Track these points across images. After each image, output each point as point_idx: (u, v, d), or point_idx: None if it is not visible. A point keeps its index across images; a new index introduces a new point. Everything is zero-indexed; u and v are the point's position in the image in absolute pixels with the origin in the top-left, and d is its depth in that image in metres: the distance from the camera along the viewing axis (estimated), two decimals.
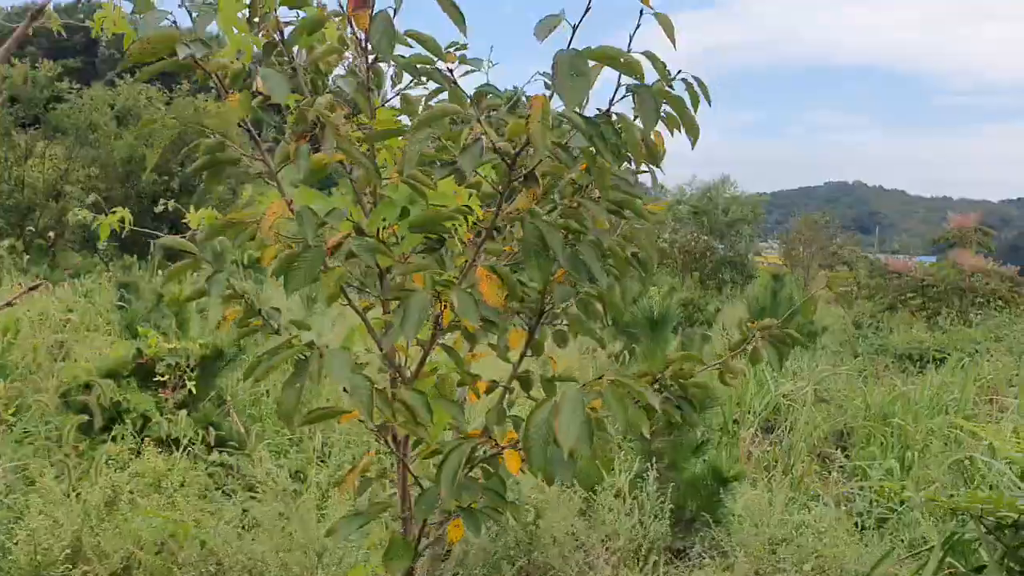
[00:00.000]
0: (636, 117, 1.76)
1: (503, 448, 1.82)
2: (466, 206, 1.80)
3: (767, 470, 6.50)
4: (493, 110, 1.77)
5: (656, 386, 2.23)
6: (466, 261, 1.77)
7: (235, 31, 2.04)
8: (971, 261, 15.65)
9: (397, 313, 1.65)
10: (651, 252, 2.59)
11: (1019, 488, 3.07)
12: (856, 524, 5.19)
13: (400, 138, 1.90)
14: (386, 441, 1.89)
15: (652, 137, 2.01)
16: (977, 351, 11.84)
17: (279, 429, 6.11)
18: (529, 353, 2.30)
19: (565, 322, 2.29)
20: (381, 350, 1.89)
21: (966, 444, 6.09)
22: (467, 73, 3.11)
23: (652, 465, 4.37)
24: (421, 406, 1.68)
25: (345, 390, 1.58)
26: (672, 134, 2.24)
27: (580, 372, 7.67)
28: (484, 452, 1.89)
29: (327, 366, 1.52)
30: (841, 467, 6.63)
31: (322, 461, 5.68)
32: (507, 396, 2.26)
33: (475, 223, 1.95)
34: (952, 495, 3.67)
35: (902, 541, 4.55)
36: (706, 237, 35.45)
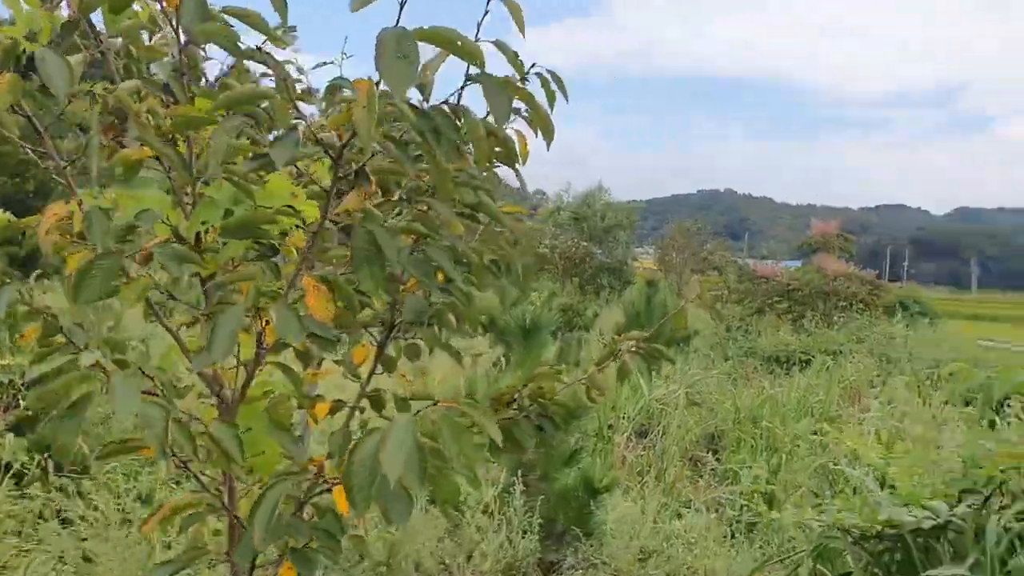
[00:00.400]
0: (489, 113, 1.60)
1: (334, 483, 1.61)
2: (289, 207, 1.57)
3: (640, 475, 6.49)
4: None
5: (514, 406, 2.07)
6: (296, 269, 1.54)
7: (24, 6, 1.75)
8: (834, 266, 16.38)
9: (205, 330, 1.41)
10: (513, 257, 2.43)
11: (878, 493, 3.09)
12: (727, 530, 5.21)
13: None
14: (196, 478, 1.64)
15: (513, 137, 1.86)
16: (840, 352, 12.34)
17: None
18: (380, 370, 2.09)
19: (419, 335, 2.09)
20: (196, 372, 1.64)
21: (831, 447, 6.24)
22: (320, 65, 2.87)
23: (519, 478, 4.22)
24: (230, 440, 1.44)
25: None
26: (536, 134, 2.08)
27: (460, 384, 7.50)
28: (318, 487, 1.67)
29: (111, 392, 1.27)
30: (712, 470, 6.69)
31: (177, 483, 5.28)
32: (357, 417, 2.04)
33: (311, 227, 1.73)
34: (819, 504, 3.67)
35: (772, 546, 4.57)
36: (585, 243, 36.00)
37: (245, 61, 1.76)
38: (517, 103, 1.79)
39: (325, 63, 2.64)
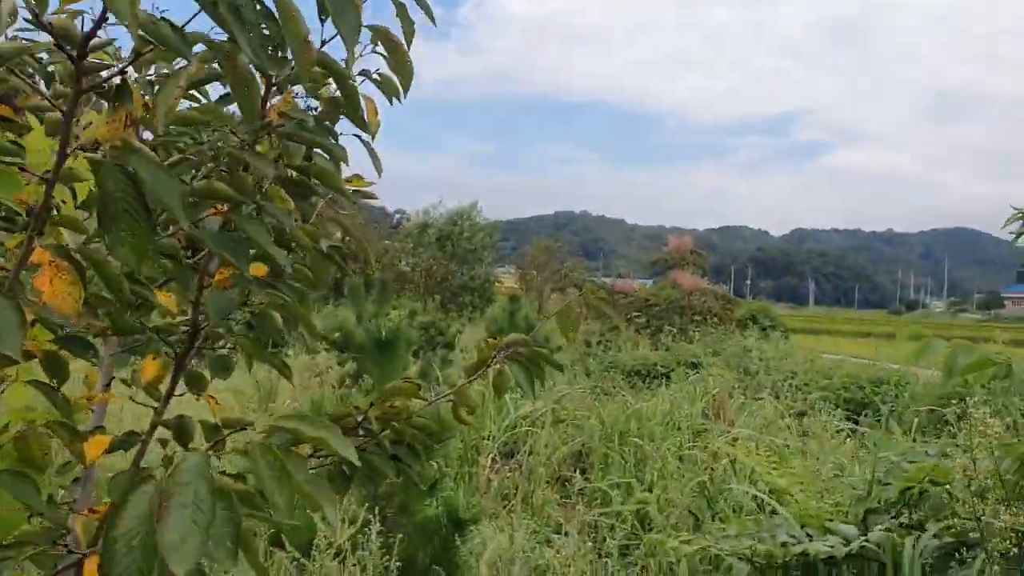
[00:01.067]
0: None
1: (87, 553, 1.10)
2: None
3: (507, 499, 6.10)
4: None
5: (360, 431, 1.61)
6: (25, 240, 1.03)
7: None
8: (689, 281, 16.69)
9: None
10: (365, 246, 1.96)
11: (780, 515, 2.82)
12: (599, 554, 4.89)
13: None
14: None
15: (366, 107, 1.45)
16: (699, 365, 12.43)
17: None
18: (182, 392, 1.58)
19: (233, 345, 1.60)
20: None
21: (700, 461, 6.05)
22: None
23: (376, 515, 3.72)
24: None
25: None
26: (391, 102, 1.65)
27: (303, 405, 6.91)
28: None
29: None
30: (581, 491, 6.39)
31: None
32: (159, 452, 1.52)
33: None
34: (703, 525, 3.37)
35: (650, 572, 4.26)
36: (445, 262, 35.67)
37: None
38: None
39: None
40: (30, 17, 0.95)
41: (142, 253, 0.93)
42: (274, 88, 1.27)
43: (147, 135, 1.18)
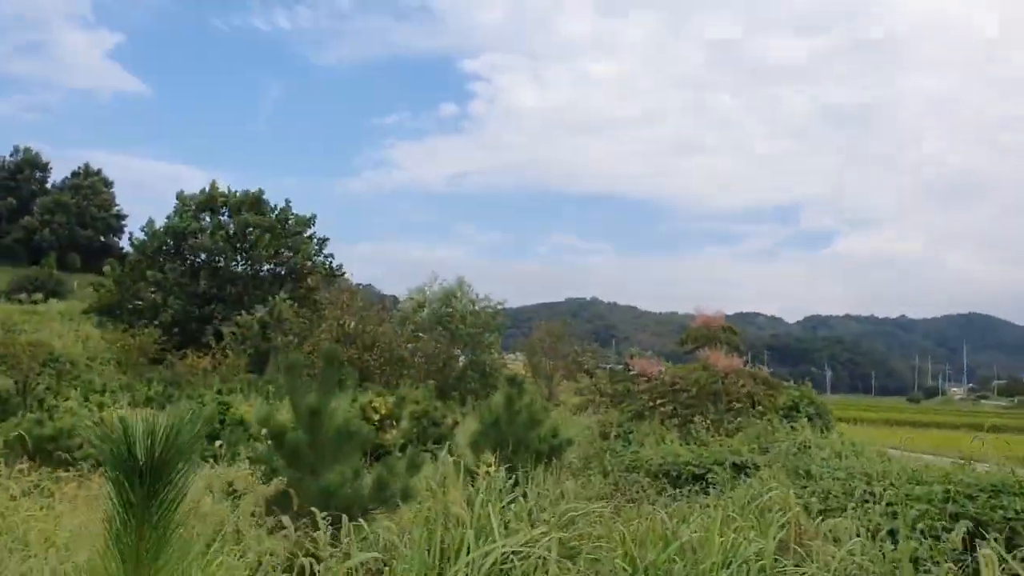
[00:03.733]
0: None
1: None
2: None
3: None
4: None
5: None
6: None
7: None
8: (724, 361, 14.21)
9: None
10: None
11: None
12: None
13: None
14: None
15: None
16: (744, 466, 9.98)
17: None
18: None
19: None
20: None
21: None
22: None
23: None
24: None
25: None
26: None
27: None
28: None
29: None
30: None
31: None
32: None
33: None
34: None
35: None
36: (446, 345, 33.43)
37: None
38: None
39: None
40: None
41: None
42: None
43: None
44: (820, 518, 6.47)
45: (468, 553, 5.15)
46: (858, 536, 6.13)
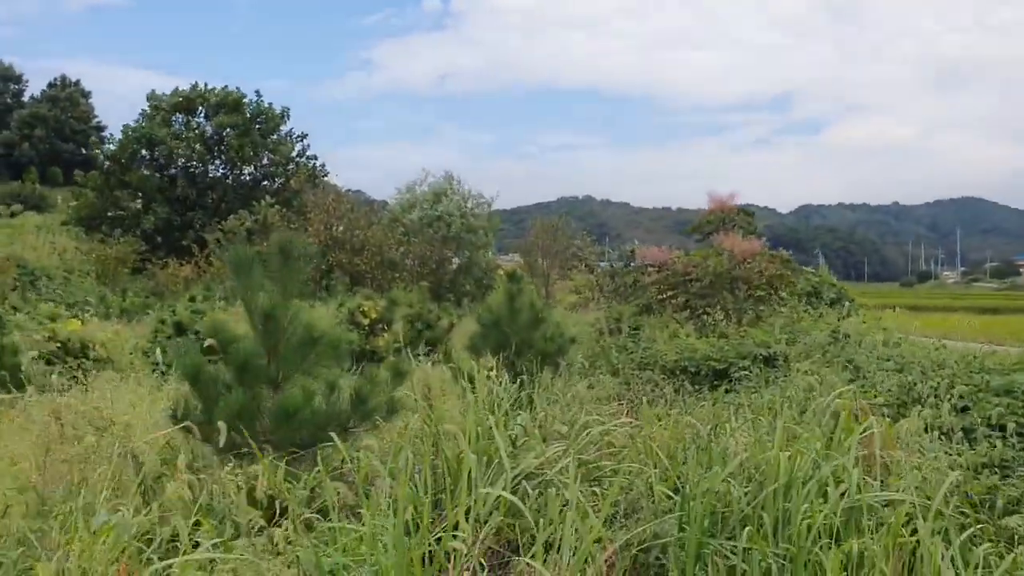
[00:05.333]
0: None
1: None
2: None
3: None
4: None
5: None
6: None
7: None
8: (743, 245, 12.98)
9: None
10: None
11: None
12: None
13: None
14: None
15: None
16: (774, 359, 8.94)
17: None
18: None
19: None
20: None
21: None
22: None
23: None
24: None
25: None
26: None
27: None
28: None
29: None
30: None
31: None
32: None
33: None
34: None
35: None
36: (437, 246, 32.18)
37: None
38: None
39: None
40: None
41: None
42: None
43: None
44: (887, 420, 5.40)
45: (469, 482, 4.08)
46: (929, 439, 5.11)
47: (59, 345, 8.86)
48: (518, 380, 7.12)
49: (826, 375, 7.13)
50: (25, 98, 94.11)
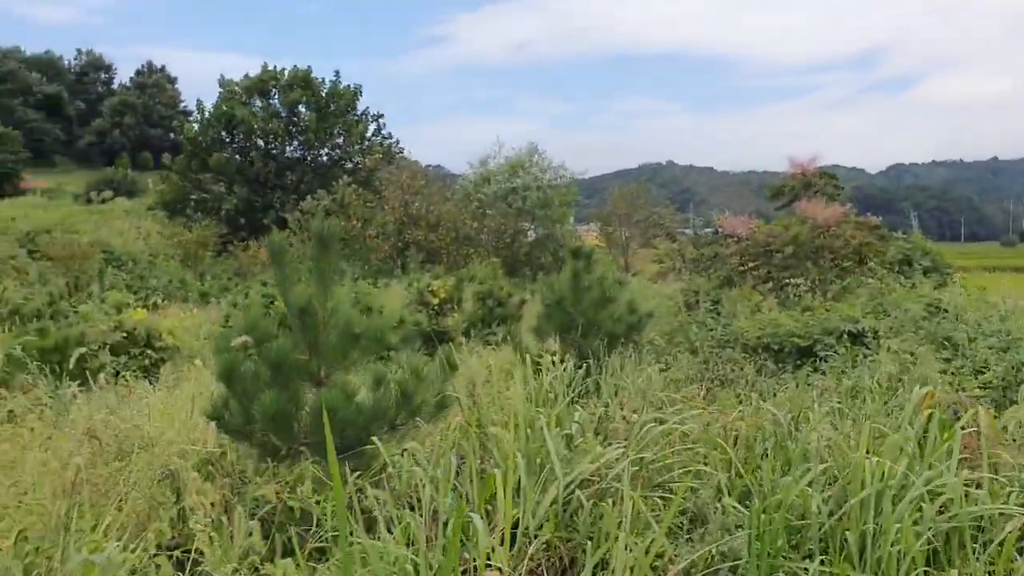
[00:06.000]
0: None
1: None
2: None
3: None
4: None
5: None
6: None
7: None
8: (825, 212, 12.17)
9: None
10: None
11: None
12: None
13: None
14: None
15: None
16: (862, 335, 8.30)
17: None
18: None
19: None
20: None
21: None
22: None
23: None
24: None
25: None
26: None
27: None
28: None
29: None
30: None
31: None
32: None
33: None
34: None
35: None
36: (512, 219, 31.76)
37: None
38: None
39: None
40: None
41: None
42: None
43: None
44: (992, 409, 4.81)
45: (518, 491, 3.72)
46: None
47: (125, 335, 8.87)
48: (583, 365, 6.72)
49: (921, 354, 6.51)
50: (114, 86, 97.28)
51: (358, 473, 4.09)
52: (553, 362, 6.01)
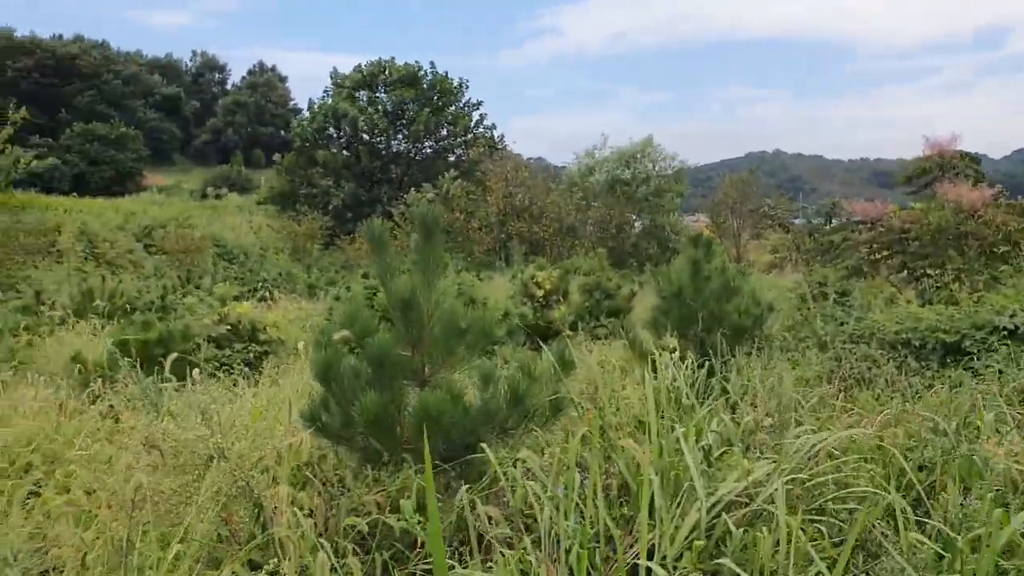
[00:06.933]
0: None
1: None
2: None
3: None
4: None
5: None
6: None
7: None
8: (971, 196, 11.04)
9: None
10: None
11: None
12: None
13: None
14: None
15: None
16: (1019, 331, 7.38)
17: None
18: None
19: None
20: None
21: None
22: None
23: None
24: None
25: None
26: None
27: None
28: None
29: None
30: None
31: None
32: None
33: None
34: None
35: None
36: (618, 209, 30.99)
37: None
38: None
39: None
40: None
41: None
42: None
43: None
44: None
45: (654, 516, 3.18)
46: None
47: (229, 328, 8.76)
48: (705, 363, 6.11)
49: None
50: (228, 86, 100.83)
51: (467, 486, 3.63)
52: (672, 359, 5.43)
